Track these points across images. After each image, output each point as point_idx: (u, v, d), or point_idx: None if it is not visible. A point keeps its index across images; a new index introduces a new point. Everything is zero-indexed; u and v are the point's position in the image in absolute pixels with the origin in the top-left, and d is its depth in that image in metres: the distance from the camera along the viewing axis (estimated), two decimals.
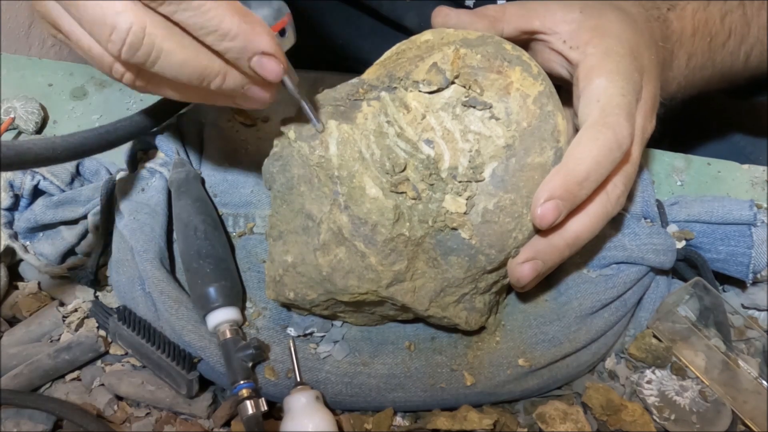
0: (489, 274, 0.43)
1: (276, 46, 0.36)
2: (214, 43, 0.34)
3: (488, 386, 0.44)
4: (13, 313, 0.48)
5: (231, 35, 0.34)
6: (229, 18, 0.33)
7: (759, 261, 0.48)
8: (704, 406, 0.44)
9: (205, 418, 0.43)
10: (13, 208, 0.50)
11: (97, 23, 0.33)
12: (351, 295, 0.41)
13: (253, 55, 0.35)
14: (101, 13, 0.32)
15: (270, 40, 0.35)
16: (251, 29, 0.34)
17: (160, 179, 0.51)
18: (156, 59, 0.33)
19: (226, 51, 0.34)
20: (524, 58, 0.44)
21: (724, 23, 0.56)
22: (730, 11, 0.56)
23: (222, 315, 0.43)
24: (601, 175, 0.41)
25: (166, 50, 0.33)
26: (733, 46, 0.57)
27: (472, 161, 0.42)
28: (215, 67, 0.35)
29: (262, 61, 0.35)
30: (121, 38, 0.32)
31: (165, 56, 0.33)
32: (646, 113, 0.46)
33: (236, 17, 0.34)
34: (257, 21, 0.35)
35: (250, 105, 0.39)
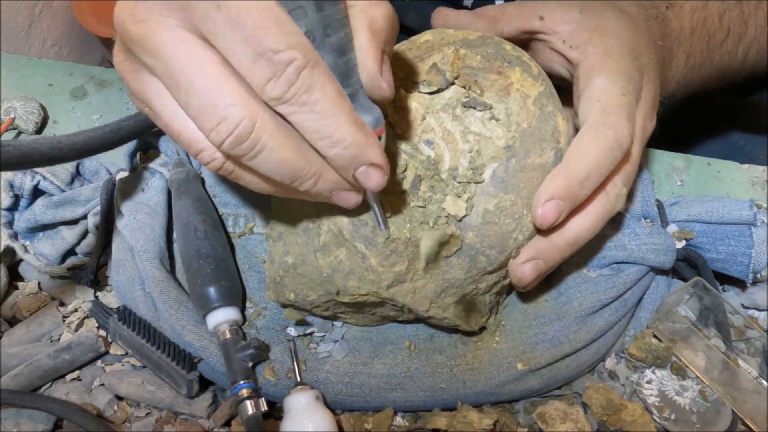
0: (489, 274, 0.43)
1: (386, 160, 0.35)
2: (324, 148, 0.33)
3: (488, 386, 0.44)
4: (13, 313, 0.48)
5: (345, 144, 0.33)
6: (347, 126, 0.32)
7: (759, 261, 0.48)
8: (704, 406, 0.44)
9: (205, 418, 0.43)
10: (13, 208, 0.50)
11: (206, 112, 0.31)
12: (351, 296, 0.41)
13: (361, 165, 0.34)
14: (214, 102, 0.31)
15: (380, 152, 0.35)
16: (365, 141, 0.34)
17: (160, 179, 0.51)
18: (257, 154, 0.32)
19: (336, 158, 0.34)
20: (524, 58, 0.44)
21: (722, 22, 0.56)
22: (728, 10, 0.56)
23: (222, 315, 0.43)
24: (601, 174, 0.41)
25: (270, 147, 0.32)
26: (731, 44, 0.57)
27: (473, 162, 0.42)
28: (312, 169, 0.34)
29: (369, 171, 0.35)
30: (228, 130, 0.31)
31: (267, 153, 0.32)
32: (647, 112, 0.46)
33: (353, 126, 0.33)
34: (370, 133, 0.34)
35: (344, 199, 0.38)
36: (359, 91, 0.34)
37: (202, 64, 0.31)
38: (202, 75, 0.31)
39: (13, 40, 0.95)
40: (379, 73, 0.33)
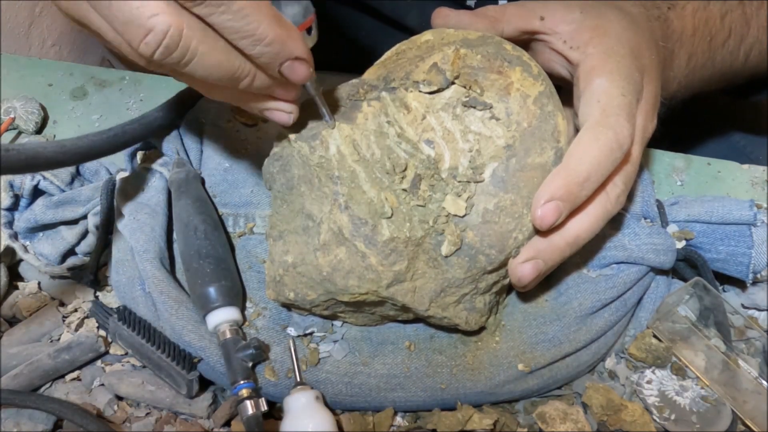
0: (489, 274, 0.43)
1: (308, 50, 0.35)
2: (247, 47, 0.33)
3: (488, 386, 0.44)
4: (13, 313, 0.48)
5: (266, 41, 0.33)
6: (266, 23, 0.33)
7: (759, 261, 0.48)
8: (704, 406, 0.44)
9: (205, 418, 0.43)
10: (13, 208, 0.50)
11: (130, 25, 0.31)
12: (351, 296, 0.41)
13: (286, 60, 0.35)
14: (136, 14, 0.31)
15: (303, 45, 0.35)
16: (286, 35, 0.34)
17: (160, 179, 0.51)
18: (189, 61, 0.33)
19: (260, 55, 0.34)
20: (524, 58, 0.44)
21: (724, 22, 0.56)
22: (729, 10, 0.56)
23: (222, 315, 0.43)
24: (601, 175, 0.41)
25: (201, 52, 0.32)
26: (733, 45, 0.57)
27: (473, 161, 0.42)
28: (245, 68, 0.35)
29: (294, 65, 0.35)
30: (157, 40, 0.31)
31: (199, 58, 0.33)
32: (647, 113, 0.46)
33: (272, 22, 0.33)
34: (291, 26, 0.34)
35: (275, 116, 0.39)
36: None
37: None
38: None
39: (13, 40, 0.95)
40: None
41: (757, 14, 0.58)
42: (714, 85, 0.61)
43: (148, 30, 0.31)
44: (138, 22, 0.31)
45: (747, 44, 0.58)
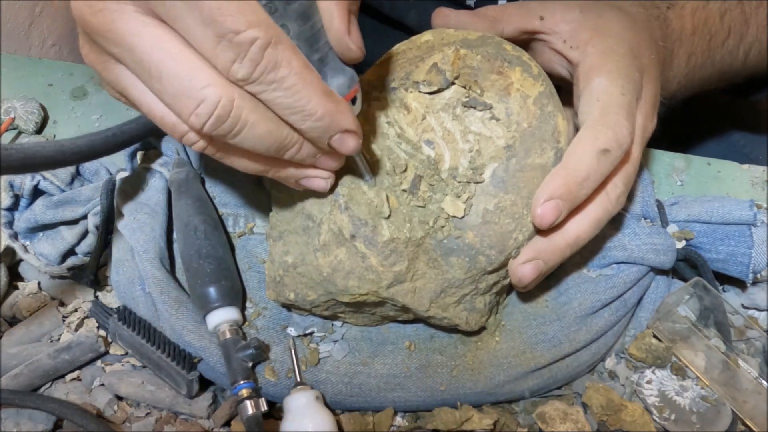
0: (489, 274, 0.43)
1: (357, 123, 0.36)
2: (297, 122, 0.33)
3: (488, 386, 0.44)
4: (13, 313, 0.48)
5: (317, 116, 0.33)
6: (316, 98, 0.32)
7: (759, 261, 0.48)
8: (704, 406, 0.44)
9: (205, 418, 0.43)
10: (13, 208, 0.50)
11: (181, 97, 0.31)
12: (351, 296, 0.41)
13: (335, 134, 0.35)
14: (188, 86, 0.31)
15: (352, 118, 0.35)
16: (336, 109, 0.34)
17: (160, 179, 0.51)
18: (239, 132, 0.32)
19: (309, 130, 0.34)
20: (524, 58, 0.44)
21: (723, 22, 0.56)
22: (729, 10, 0.56)
23: (222, 315, 0.43)
24: (601, 175, 0.41)
25: (251, 123, 0.32)
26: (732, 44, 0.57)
27: (473, 162, 0.42)
28: (293, 138, 0.35)
29: (343, 138, 0.35)
30: (208, 112, 0.31)
31: (248, 129, 0.32)
32: (647, 113, 0.46)
33: (322, 97, 0.33)
34: (340, 100, 0.34)
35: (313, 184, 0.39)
36: (329, 53, 0.34)
37: (168, 49, 0.31)
38: (170, 60, 0.31)
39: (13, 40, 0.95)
40: (347, 34, 0.33)
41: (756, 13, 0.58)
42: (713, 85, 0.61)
43: (200, 101, 0.31)
44: (190, 93, 0.31)
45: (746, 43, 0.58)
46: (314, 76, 0.33)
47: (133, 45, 0.31)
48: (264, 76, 0.31)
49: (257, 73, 0.31)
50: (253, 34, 0.29)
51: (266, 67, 0.30)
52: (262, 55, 0.30)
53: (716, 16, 0.56)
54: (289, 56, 0.31)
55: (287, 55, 0.31)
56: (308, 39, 0.33)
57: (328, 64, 0.34)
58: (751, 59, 0.59)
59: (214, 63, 0.30)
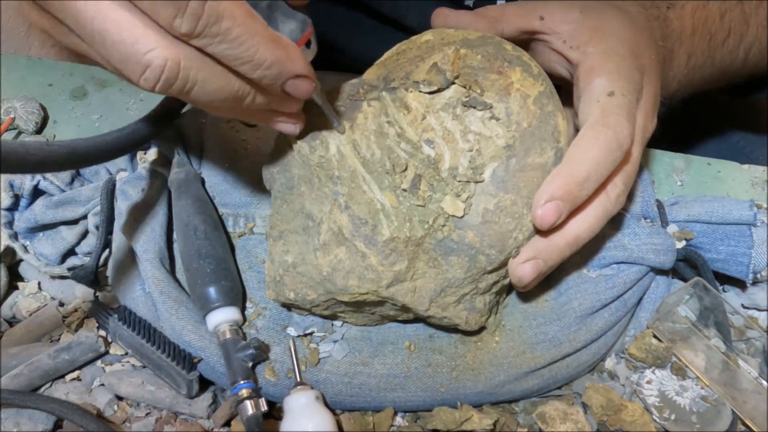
0: (489, 274, 0.43)
1: (308, 67, 0.35)
2: (248, 72, 0.33)
3: (488, 386, 0.44)
4: (13, 313, 0.48)
5: (266, 64, 0.33)
6: (264, 47, 0.32)
7: (759, 261, 0.48)
8: (704, 406, 0.44)
9: (205, 418, 0.43)
10: (13, 208, 0.50)
11: (127, 62, 0.31)
12: (351, 296, 0.41)
13: (287, 80, 0.35)
14: (132, 51, 0.30)
15: (303, 63, 0.35)
16: (285, 55, 0.33)
17: (160, 179, 0.51)
18: (190, 89, 0.32)
19: (261, 78, 0.34)
20: (524, 58, 0.44)
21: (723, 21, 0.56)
22: (729, 9, 0.56)
23: (222, 315, 0.43)
24: (601, 175, 0.41)
25: (201, 80, 0.32)
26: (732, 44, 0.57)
27: (473, 162, 0.42)
28: (246, 89, 0.34)
29: (296, 83, 0.35)
30: (155, 76, 0.31)
31: (199, 86, 0.32)
32: (647, 113, 0.46)
33: (270, 45, 0.32)
34: (289, 45, 0.34)
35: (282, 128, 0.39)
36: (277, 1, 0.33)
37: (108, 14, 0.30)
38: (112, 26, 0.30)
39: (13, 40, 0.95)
40: None
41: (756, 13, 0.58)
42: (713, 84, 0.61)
43: (146, 66, 0.30)
44: (135, 58, 0.30)
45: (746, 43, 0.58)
46: (260, 25, 0.32)
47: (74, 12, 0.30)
48: (207, 29, 0.30)
49: (200, 27, 0.30)
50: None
51: (208, 21, 0.30)
52: (203, 8, 0.29)
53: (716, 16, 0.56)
54: (231, 7, 0.30)
55: (229, 6, 0.30)
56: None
57: (278, 9, 0.33)
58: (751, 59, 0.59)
59: (156, 19, 0.30)
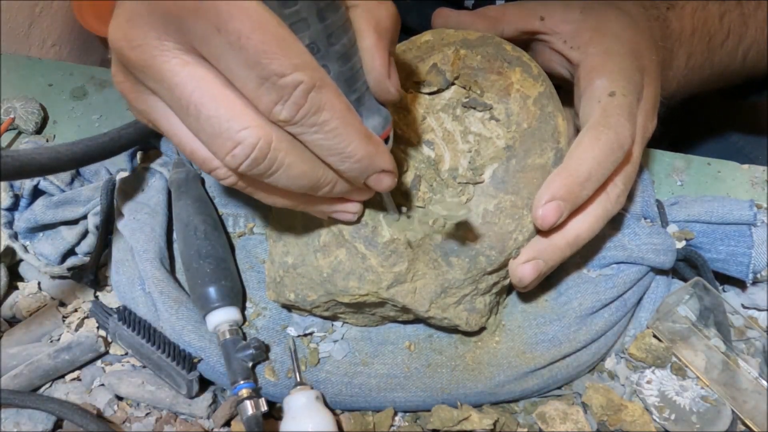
0: (489, 275, 0.43)
1: (394, 163, 0.36)
2: (336, 162, 0.33)
3: (488, 386, 0.44)
4: (13, 313, 0.48)
5: (356, 158, 0.33)
6: (357, 141, 0.32)
7: (759, 261, 0.48)
8: (704, 406, 0.44)
9: (205, 418, 0.43)
10: (13, 208, 0.50)
11: (219, 137, 0.31)
12: (351, 297, 0.41)
13: (373, 174, 0.35)
14: (226, 128, 0.30)
15: (389, 159, 0.35)
16: (375, 151, 0.34)
17: (160, 179, 0.51)
18: (275, 172, 0.32)
19: (348, 171, 0.34)
20: (524, 59, 0.44)
21: (722, 23, 0.56)
22: (728, 11, 0.56)
23: (222, 315, 0.43)
24: (602, 175, 0.41)
25: (287, 164, 0.32)
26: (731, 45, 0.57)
27: (473, 162, 0.42)
28: (329, 177, 0.34)
29: (380, 177, 0.35)
30: (245, 154, 0.31)
31: (284, 170, 0.32)
32: (648, 113, 0.46)
33: (362, 140, 0.32)
34: (379, 141, 0.34)
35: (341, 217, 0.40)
36: (365, 93, 0.34)
37: (207, 89, 0.30)
38: (209, 100, 0.30)
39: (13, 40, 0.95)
40: (388, 77, 0.33)
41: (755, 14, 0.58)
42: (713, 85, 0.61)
43: (237, 143, 0.30)
44: (228, 135, 0.30)
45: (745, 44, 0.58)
46: (355, 119, 0.32)
47: (173, 84, 0.30)
48: (306, 119, 0.30)
49: (300, 116, 0.30)
50: (297, 77, 0.29)
51: (309, 110, 0.30)
52: (306, 98, 0.30)
53: (716, 17, 0.56)
54: (332, 100, 0.31)
55: (330, 98, 0.30)
56: (347, 80, 0.32)
57: (365, 104, 0.34)
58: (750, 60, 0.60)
59: (256, 104, 0.30)
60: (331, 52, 0.31)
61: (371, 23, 0.32)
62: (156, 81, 0.31)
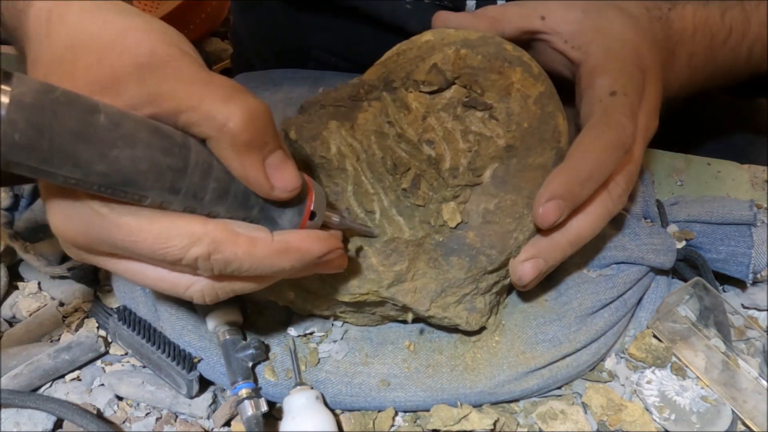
0: (490, 274, 0.43)
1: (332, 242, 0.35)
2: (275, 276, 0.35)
3: (488, 386, 0.44)
4: (13, 313, 0.48)
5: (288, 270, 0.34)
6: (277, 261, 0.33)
7: (759, 261, 0.48)
8: (704, 406, 0.44)
9: (205, 418, 0.43)
10: (13, 208, 0.50)
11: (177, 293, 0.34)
12: (352, 296, 0.41)
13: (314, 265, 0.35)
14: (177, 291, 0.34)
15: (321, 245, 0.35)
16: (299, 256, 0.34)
17: None
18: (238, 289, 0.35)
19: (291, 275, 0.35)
20: (525, 58, 0.44)
21: (724, 20, 0.56)
22: (729, 8, 0.56)
23: (222, 315, 0.43)
24: (603, 174, 0.41)
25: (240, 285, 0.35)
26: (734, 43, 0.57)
27: (473, 162, 0.42)
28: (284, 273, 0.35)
29: (326, 264, 0.36)
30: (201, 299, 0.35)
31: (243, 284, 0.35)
32: (649, 113, 0.46)
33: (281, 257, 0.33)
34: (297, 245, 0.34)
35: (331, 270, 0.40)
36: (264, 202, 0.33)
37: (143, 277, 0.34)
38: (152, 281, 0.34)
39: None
40: (271, 188, 0.32)
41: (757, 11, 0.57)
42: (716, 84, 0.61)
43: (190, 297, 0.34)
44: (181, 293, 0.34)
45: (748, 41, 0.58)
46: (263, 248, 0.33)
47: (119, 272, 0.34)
48: (225, 272, 0.33)
49: (217, 273, 0.33)
50: (193, 254, 0.31)
51: (222, 268, 0.32)
52: (211, 263, 0.32)
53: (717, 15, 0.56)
54: (232, 250, 0.32)
55: (230, 249, 0.32)
56: (240, 203, 0.32)
57: (269, 209, 0.34)
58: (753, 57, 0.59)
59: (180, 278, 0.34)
60: (206, 202, 0.31)
61: (226, 142, 0.30)
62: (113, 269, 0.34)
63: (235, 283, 0.35)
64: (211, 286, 0.34)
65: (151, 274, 0.34)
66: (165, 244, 0.31)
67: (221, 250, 0.32)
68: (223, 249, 0.32)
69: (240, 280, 0.35)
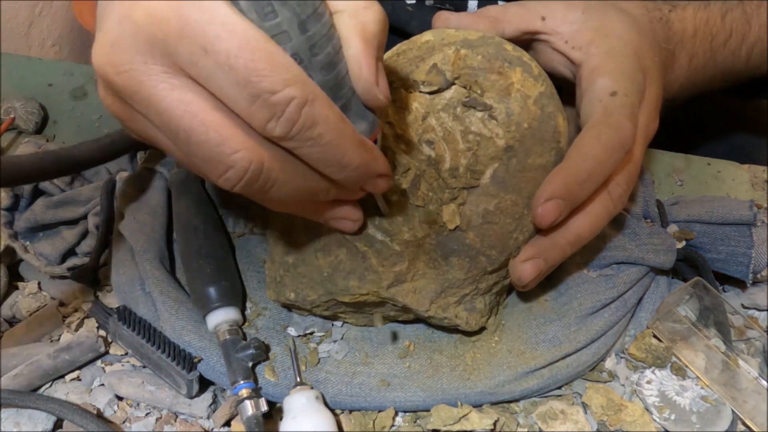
0: (490, 274, 0.43)
1: (388, 165, 0.35)
2: (334, 173, 0.33)
3: (488, 386, 0.44)
4: (13, 313, 0.48)
5: (352, 167, 0.32)
6: (352, 151, 0.32)
7: (759, 261, 0.48)
8: (704, 406, 0.44)
9: (205, 418, 0.43)
10: (13, 208, 0.50)
11: (210, 161, 0.30)
12: (352, 296, 0.41)
13: (369, 179, 0.35)
14: (217, 152, 0.30)
15: (384, 163, 0.35)
16: (370, 158, 0.33)
17: (160, 179, 0.51)
18: (269, 189, 0.32)
19: (345, 180, 0.33)
20: (525, 58, 0.44)
21: (724, 22, 0.56)
22: (730, 10, 0.56)
23: (222, 315, 0.43)
24: (603, 174, 0.41)
25: (281, 181, 0.32)
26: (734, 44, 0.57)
27: (473, 162, 0.42)
28: (323, 186, 0.34)
29: (377, 181, 0.35)
30: (237, 176, 0.30)
31: (279, 185, 0.32)
32: (650, 113, 0.46)
33: (357, 149, 0.32)
34: (372, 147, 0.34)
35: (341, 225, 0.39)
36: (352, 99, 0.33)
37: (196, 113, 0.29)
38: (198, 125, 0.29)
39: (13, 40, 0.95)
40: (376, 83, 0.32)
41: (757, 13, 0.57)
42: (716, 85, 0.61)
43: (229, 167, 0.30)
44: (218, 159, 0.30)
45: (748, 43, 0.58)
46: (349, 128, 0.32)
47: (161, 109, 0.29)
48: (302, 134, 0.30)
49: (294, 131, 0.29)
50: (289, 93, 0.28)
51: (304, 125, 0.29)
52: (300, 113, 0.29)
53: (717, 17, 0.56)
54: (325, 112, 0.30)
55: (324, 111, 0.30)
56: (332, 87, 0.32)
57: (351, 109, 0.33)
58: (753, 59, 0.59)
59: (249, 121, 0.29)
60: (314, 62, 0.30)
61: (357, 29, 0.31)
62: (144, 106, 0.30)
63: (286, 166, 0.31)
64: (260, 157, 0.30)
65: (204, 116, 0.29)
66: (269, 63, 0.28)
67: (317, 105, 0.29)
68: (319, 106, 0.29)
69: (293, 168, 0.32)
